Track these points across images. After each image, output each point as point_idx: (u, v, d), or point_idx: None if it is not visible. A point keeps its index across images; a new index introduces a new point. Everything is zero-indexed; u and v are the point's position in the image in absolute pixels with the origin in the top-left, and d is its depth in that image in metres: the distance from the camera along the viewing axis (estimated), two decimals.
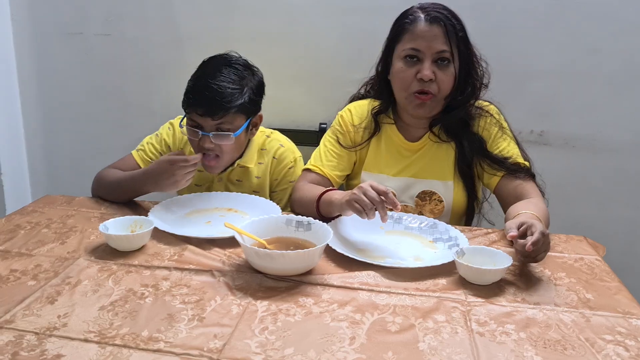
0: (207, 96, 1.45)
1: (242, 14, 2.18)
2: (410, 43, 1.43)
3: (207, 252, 1.23)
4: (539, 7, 2.04)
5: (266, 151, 1.68)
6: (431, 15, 1.42)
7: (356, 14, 2.11)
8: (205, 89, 1.45)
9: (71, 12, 2.31)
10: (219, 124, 1.48)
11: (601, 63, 2.06)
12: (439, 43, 1.41)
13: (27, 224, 1.38)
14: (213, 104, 1.45)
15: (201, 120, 1.48)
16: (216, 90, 1.45)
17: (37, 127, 2.49)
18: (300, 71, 2.21)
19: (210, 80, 1.46)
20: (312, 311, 1.01)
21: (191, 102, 1.47)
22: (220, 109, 1.45)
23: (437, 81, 1.43)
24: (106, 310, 0.99)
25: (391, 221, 1.40)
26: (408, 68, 1.44)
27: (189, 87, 1.51)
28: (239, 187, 1.66)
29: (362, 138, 1.58)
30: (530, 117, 2.13)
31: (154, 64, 2.31)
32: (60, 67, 2.40)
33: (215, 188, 1.66)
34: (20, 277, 1.11)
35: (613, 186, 2.17)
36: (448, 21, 1.41)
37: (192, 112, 1.48)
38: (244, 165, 1.64)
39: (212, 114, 1.46)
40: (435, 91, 1.44)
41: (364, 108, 1.60)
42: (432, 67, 1.42)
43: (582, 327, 0.98)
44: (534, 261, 1.18)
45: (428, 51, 1.42)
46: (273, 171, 1.68)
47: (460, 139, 1.51)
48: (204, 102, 1.45)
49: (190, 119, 1.51)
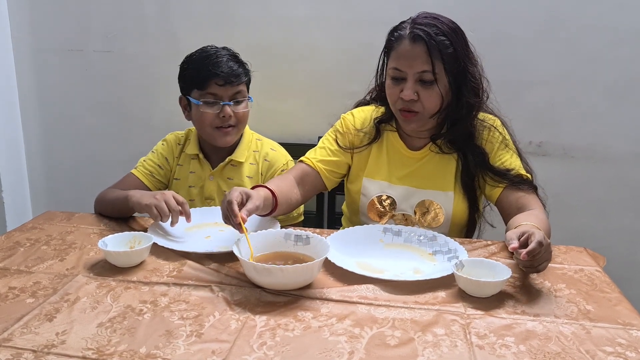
0: (225, 67, 1.60)
1: (241, 28, 2.20)
2: (393, 62, 1.43)
3: (206, 267, 1.23)
4: (536, 18, 2.05)
5: (258, 153, 1.75)
6: (414, 34, 1.38)
7: (354, 28, 2.12)
8: (219, 63, 1.60)
9: (71, 30, 2.34)
10: (235, 92, 1.63)
11: (599, 73, 2.07)
12: (420, 63, 1.38)
13: (26, 241, 1.38)
14: (232, 72, 1.61)
15: (221, 91, 1.61)
16: (231, 62, 1.63)
17: (38, 144, 2.50)
18: (299, 84, 2.23)
19: (220, 56, 1.62)
20: (311, 325, 1.00)
21: (211, 75, 1.60)
22: (238, 76, 1.62)
23: (420, 100, 1.41)
24: (104, 327, 0.99)
25: (390, 234, 1.40)
26: (394, 86, 1.44)
27: (196, 67, 1.63)
28: (230, 184, 1.70)
29: (362, 142, 1.58)
30: (529, 128, 2.13)
31: (154, 79, 2.33)
32: (60, 84, 2.41)
33: (208, 187, 1.72)
34: (18, 294, 1.11)
35: (613, 196, 2.17)
36: (431, 39, 1.36)
37: (211, 84, 1.60)
38: (236, 160, 1.70)
39: (232, 82, 1.61)
40: (420, 109, 1.43)
41: (367, 114, 1.61)
42: (415, 86, 1.40)
43: (582, 339, 0.97)
44: (535, 271, 1.18)
45: (410, 71, 1.40)
46: (265, 173, 1.74)
47: (465, 152, 1.50)
48: (223, 72, 1.60)
49: (207, 94, 1.61)
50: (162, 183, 1.74)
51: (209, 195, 1.72)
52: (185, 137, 1.77)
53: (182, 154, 1.75)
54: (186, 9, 2.23)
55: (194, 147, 1.73)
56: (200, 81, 1.61)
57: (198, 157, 1.73)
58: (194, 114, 1.66)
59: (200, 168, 1.73)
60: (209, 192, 1.72)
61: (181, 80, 1.69)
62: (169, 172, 1.75)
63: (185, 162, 1.75)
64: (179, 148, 1.76)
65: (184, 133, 1.78)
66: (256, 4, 2.18)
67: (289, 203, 1.48)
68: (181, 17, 2.24)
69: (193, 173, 1.73)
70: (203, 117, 1.63)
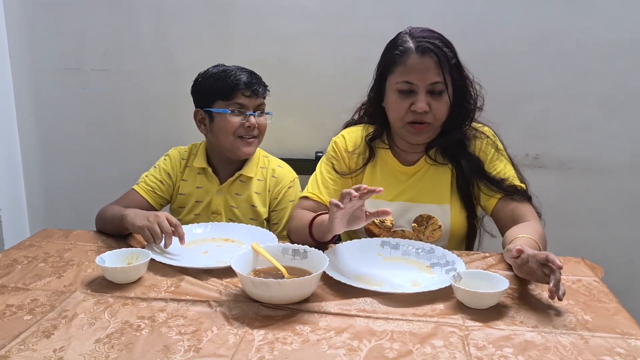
0: (252, 79, 1.66)
1: (237, 45, 2.22)
2: (403, 76, 1.43)
3: (204, 283, 1.23)
4: (530, 32, 2.07)
5: (265, 169, 1.76)
6: (422, 47, 1.40)
7: (350, 43, 2.14)
8: (245, 76, 1.66)
9: (68, 48, 2.35)
10: (260, 104, 1.69)
11: (593, 85, 2.09)
12: (432, 75, 1.41)
13: (24, 259, 1.38)
14: (259, 84, 1.68)
15: (247, 101, 1.66)
16: (256, 75, 1.70)
17: (35, 162, 2.50)
18: (295, 100, 2.24)
19: (241, 70, 1.68)
20: (309, 339, 1.00)
21: (239, 85, 1.64)
22: (264, 88, 1.70)
23: (432, 111, 1.43)
24: (102, 343, 0.99)
25: (388, 247, 1.40)
26: (402, 100, 1.44)
27: (220, 78, 1.66)
28: (237, 200, 1.71)
29: (357, 164, 1.59)
30: (525, 141, 2.14)
31: (151, 97, 2.34)
32: (57, 102, 2.43)
33: (215, 202, 1.72)
34: (16, 311, 1.11)
35: (610, 207, 2.17)
36: (440, 51, 1.40)
37: (238, 94, 1.64)
38: (245, 176, 1.71)
39: (258, 93, 1.67)
40: (432, 120, 1.45)
41: (357, 134, 1.61)
42: (427, 98, 1.42)
43: (580, 349, 0.97)
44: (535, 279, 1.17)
45: (422, 83, 1.41)
46: (272, 190, 1.75)
47: (458, 160, 1.51)
48: (251, 84, 1.65)
49: (234, 104, 1.65)
50: (164, 199, 1.75)
51: (215, 210, 1.72)
52: (189, 151, 1.78)
53: (187, 168, 1.75)
54: (182, 26, 2.25)
55: (201, 161, 1.73)
56: (227, 92, 1.64)
57: (205, 171, 1.73)
58: (217, 124, 1.66)
59: (208, 182, 1.73)
60: (216, 206, 1.72)
61: (199, 93, 1.71)
62: (171, 188, 1.75)
63: (190, 177, 1.75)
64: (183, 163, 1.76)
65: (188, 148, 1.79)
66: (252, 21, 2.20)
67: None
68: (178, 34, 2.26)
69: (200, 188, 1.73)
70: (228, 125, 1.64)
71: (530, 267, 1.12)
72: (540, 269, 1.10)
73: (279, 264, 1.22)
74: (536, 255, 1.11)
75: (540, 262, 1.10)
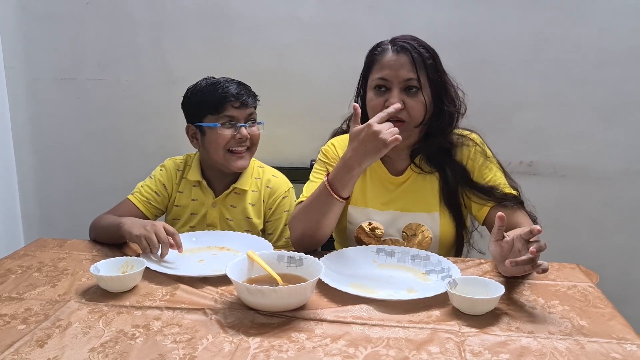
0: (240, 90, 1.65)
1: (233, 54, 2.23)
2: (378, 73, 1.46)
3: (200, 291, 1.23)
4: (524, 40, 2.09)
5: (260, 180, 1.75)
6: (399, 45, 1.44)
7: (345, 52, 2.15)
8: (233, 87, 1.64)
9: (64, 58, 2.36)
10: (250, 114, 1.68)
11: (588, 93, 2.10)
12: (405, 72, 1.43)
13: (18, 268, 1.38)
14: (248, 95, 1.66)
15: (237, 113, 1.64)
16: (244, 85, 1.68)
17: (30, 172, 2.50)
18: (291, 109, 2.25)
19: (229, 82, 1.66)
20: (305, 346, 1.00)
21: (227, 97, 1.63)
22: (253, 98, 1.68)
23: (407, 109, 1.44)
24: (96, 352, 0.98)
25: (384, 254, 1.40)
26: (377, 97, 1.46)
27: (208, 92, 1.65)
28: (233, 212, 1.70)
29: None
30: (519, 148, 2.15)
31: (147, 106, 2.34)
32: (53, 112, 2.42)
33: (210, 214, 1.71)
34: (9, 321, 1.10)
35: (605, 214, 2.18)
36: (415, 50, 1.43)
37: (227, 107, 1.63)
38: (240, 188, 1.70)
39: (247, 103, 1.65)
40: (406, 118, 1.45)
41: (346, 142, 1.61)
42: (401, 95, 1.44)
43: (576, 354, 0.97)
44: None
45: (395, 80, 1.43)
46: (267, 200, 1.74)
47: (443, 168, 1.52)
48: (239, 95, 1.64)
49: (223, 116, 1.64)
50: (159, 210, 1.74)
51: (210, 223, 1.71)
52: (184, 162, 1.77)
53: (183, 180, 1.75)
54: (179, 36, 2.26)
55: (195, 174, 1.73)
56: (215, 105, 1.63)
57: (200, 184, 1.73)
58: (208, 139, 1.66)
59: (203, 195, 1.73)
60: (211, 219, 1.71)
61: (189, 109, 1.70)
62: (167, 199, 1.74)
63: (186, 188, 1.74)
64: (178, 174, 1.75)
65: (183, 158, 1.78)
66: (248, 31, 2.21)
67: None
68: (174, 44, 2.27)
69: (195, 200, 1.73)
70: (219, 139, 1.63)
71: (516, 251, 1.17)
72: (525, 247, 1.14)
73: (273, 272, 1.22)
74: (521, 234, 1.16)
75: (524, 238, 1.15)
